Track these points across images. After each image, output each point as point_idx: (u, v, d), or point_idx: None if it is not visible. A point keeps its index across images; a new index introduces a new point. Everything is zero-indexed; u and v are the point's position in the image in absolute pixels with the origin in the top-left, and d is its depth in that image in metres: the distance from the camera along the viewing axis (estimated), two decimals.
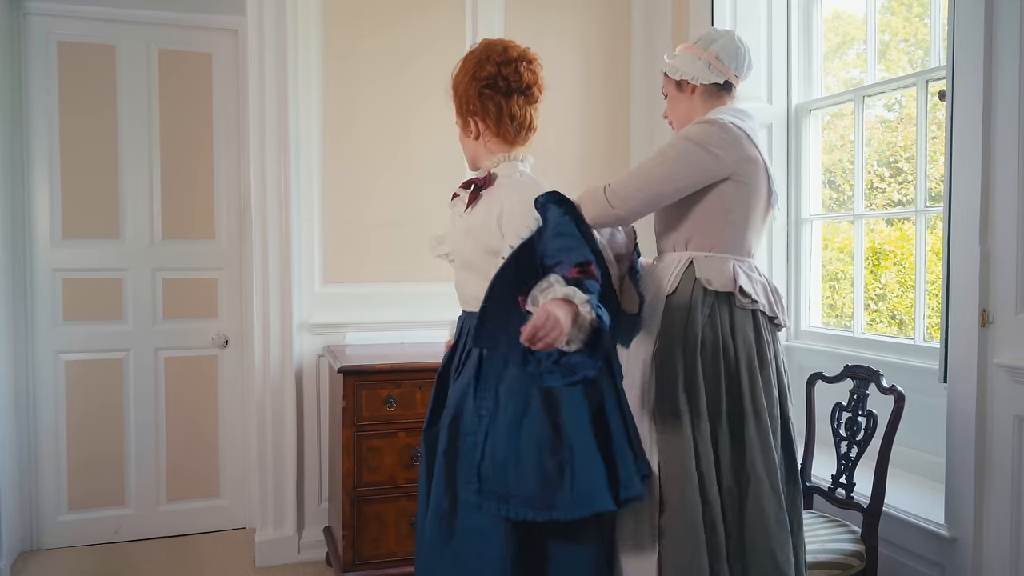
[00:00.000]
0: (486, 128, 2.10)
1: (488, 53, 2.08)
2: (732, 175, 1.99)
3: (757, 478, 1.95)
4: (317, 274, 3.57)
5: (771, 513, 1.95)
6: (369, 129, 3.61)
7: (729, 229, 2.02)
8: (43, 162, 3.61)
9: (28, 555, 3.58)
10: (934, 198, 2.94)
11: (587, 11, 3.89)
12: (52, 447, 3.65)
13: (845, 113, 3.47)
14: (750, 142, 2.01)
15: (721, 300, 2.00)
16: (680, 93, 2.16)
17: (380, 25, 3.61)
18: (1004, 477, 2.28)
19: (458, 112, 2.14)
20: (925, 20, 3.16)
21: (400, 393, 3.04)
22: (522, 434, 1.86)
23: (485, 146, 2.13)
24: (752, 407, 1.98)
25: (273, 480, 3.51)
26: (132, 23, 3.70)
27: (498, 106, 2.07)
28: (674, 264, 2.05)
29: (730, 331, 1.99)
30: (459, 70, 2.12)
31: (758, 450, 1.96)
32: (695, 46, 2.14)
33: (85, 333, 3.69)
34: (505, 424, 1.88)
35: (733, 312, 2.00)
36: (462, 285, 2.14)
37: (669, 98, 2.21)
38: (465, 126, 2.14)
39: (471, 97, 2.08)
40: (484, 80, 2.06)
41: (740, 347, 1.99)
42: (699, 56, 2.11)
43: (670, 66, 2.16)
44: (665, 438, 1.96)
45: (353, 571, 3.01)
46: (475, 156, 2.17)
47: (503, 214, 2.00)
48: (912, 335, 3.04)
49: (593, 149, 3.90)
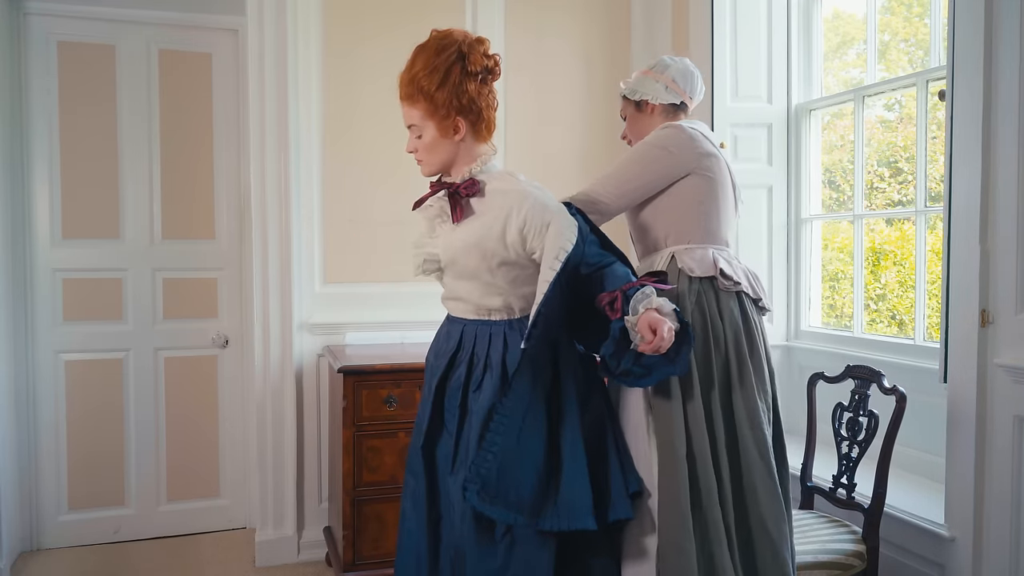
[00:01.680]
0: (468, 126, 1.97)
1: (465, 43, 1.97)
2: (694, 170, 2.15)
3: (747, 452, 2.05)
4: (317, 274, 3.57)
5: (768, 501, 2.04)
6: (369, 129, 3.61)
7: (703, 220, 2.17)
8: (43, 162, 3.61)
9: (28, 555, 3.58)
10: (934, 198, 2.94)
11: (587, 12, 3.89)
12: (52, 447, 3.65)
13: (845, 113, 3.47)
14: (705, 140, 2.20)
15: (705, 285, 2.12)
16: (639, 113, 2.34)
17: (380, 25, 3.61)
18: (1004, 477, 2.28)
19: (434, 114, 1.95)
20: (925, 20, 3.16)
21: (400, 393, 3.04)
22: (526, 442, 1.89)
23: (464, 147, 2.00)
24: (740, 387, 2.08)
25: (273, 480, 3.51)
26: (132, 23, 3.69)
27: (486, 100, 1.99)
28: (657, 262, 2.18)
29: (718, 313, 2.11)
30: (432, 67, 1.94)
31: (747, 426, 2.07)
32: (652, 71, 2.32)
33: (85, 333, 3.69)
34: (515, 431, 1.89)
35: (719, 295, 2.12)
36: (459, 293, 2.04)
37: (629, 119, 2.37)
38: (445, 127, 1.96)
39: (463, 93, 1.94)
40: (478, 73, 1.97)
41: (727, 327, 2.10)
42: (656, 79, 2.29)
43: (630, 89, 2.33)
44: (659, 422, 2.01)
45: (353, 571, 3.01)
46: (452, 159, 2.01)
47: (526, 224, 1.91)
48: (912, 335, 3.05)
49: (593, 149, 3.90)
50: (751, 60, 3.55)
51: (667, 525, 1.96)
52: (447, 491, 2.02)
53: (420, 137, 2.01)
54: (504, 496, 1.85)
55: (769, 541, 2.03)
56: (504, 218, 1.94)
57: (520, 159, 3.71)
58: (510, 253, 1.95)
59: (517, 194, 1.96)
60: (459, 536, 1.96)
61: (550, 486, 1.89)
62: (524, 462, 1.87)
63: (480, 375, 1.98)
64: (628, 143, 2.39)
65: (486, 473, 1.86)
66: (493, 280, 1.97)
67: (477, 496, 1.85)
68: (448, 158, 2.02)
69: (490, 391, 1.95)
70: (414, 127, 2.02)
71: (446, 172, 2.06)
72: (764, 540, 2.03)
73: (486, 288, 1.99)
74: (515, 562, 1.89)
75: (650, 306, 1.80)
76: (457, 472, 1.98)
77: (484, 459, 1.87)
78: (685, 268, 2.12)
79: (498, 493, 1.85)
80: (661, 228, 2.19)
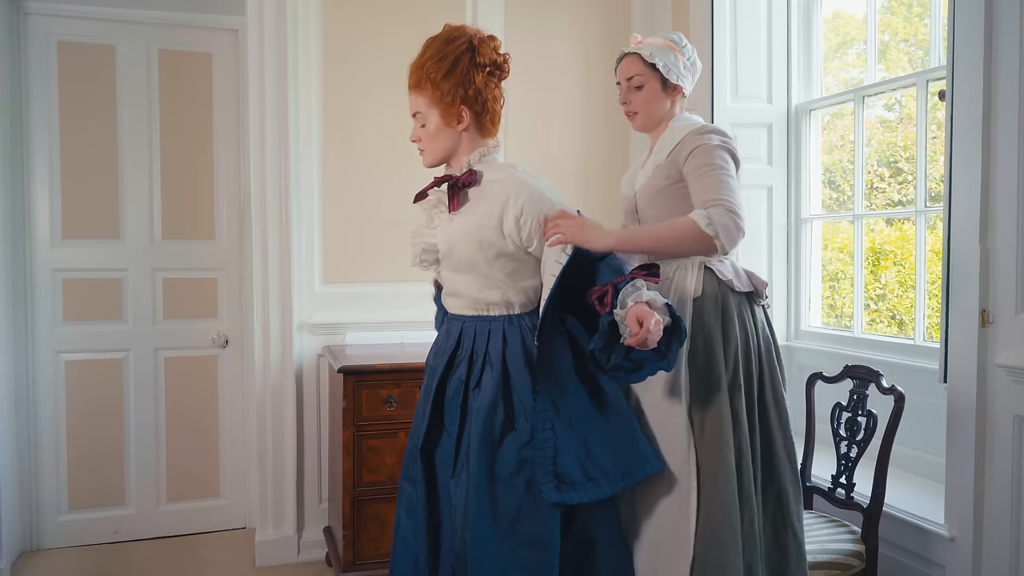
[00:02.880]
0: (473, 117, 2.00)
1: (476, 37, 2.00)
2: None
3: (779, 463, 2.06)
4: (317, 274, 3.57)
5: (796, 506, 2.07)
6: (369, 128, 3.61)
7: None
8: (43, 162, 3.61)
9: (28, 555, 3.59)
10: (934, 198, 2.94)
11: (587, 12, 3.89)
12: (52, 447, 3.65)
13: (845, 113, 3.47)
14: None
15: (742, 299, 2.09)
16: (664, 93, 2.16)
17: (380, 25, 3.61)
18: (1004, 477, 2.28)
19: (439, 101, 1.98)
20: (925, 20, 3.16)
21: (400, 393, 3.04)
22: (586, 422, 1.93)
23: (467, 138, 2.02)
24: (772, 397, 2.08)
25: (273, 480, 3.51)
26: (132, 23, 3.69)
27: (492, 94, 2.02)
28: (687, 268, 2.07)
29: (754, 325, 2.09)
30: (442, 55, 1.98)
31: (779, 436, 2.07)
32: (675, 46, 2.15)
33: (85, 333, 3.69)
34: (567, 420, 1.92)
35: (753, 308, 2.11)
36: (458, 287, 2.04)
37: (648, 94, 2.15)
38: (449, 116, 1.99)
39: (470, 83, 1.97)
40: (487, 66, 2.00)
41: (761, 340, 2.09)
42: (678, 58, 2.14)
43: (661, 62, 2.12)
44: (705, 442, 1.98)
45: (353, 571, 3.01)
46: (453, 149, 2.03)
47: (523, 214, 1.93)
48: (912, 335, 3.04)
49: (593, 150, 3.90)
50: (751, 60, 3.55)
51: (715, 538, 1.93)
52: (447, 495, 2.00)
53: (424, 126, 2.03)
54: (585, 479, 1.89)
55: (796, 544, 2.04)
56: (501, 207, 1.95)
57: (520, 159, 3.70)
58: (507, 244, 1.96)
59: (514, 183, 1.97)
60: (460, 542, 1.94)
61: (621, 447, 1.93)
62: (590, 440, 1.92)
63: (479, 372, 1.98)
64: (631, 116, 2.21)
65: (561, 471, 1.88)
66: (491, 272, 1.97)
67: (557, 492, 1.86)
68: (450, 148, 2.03)
69: (491, 388, 1.94)
70: (419, 115, 2.03)
71: (447, 163, 2.07)
72: (792, 544, 2.04)
73: (484, 281, 1.99)
74: (521, 529, 1.90)
75: (640, 299, 1.78)
76: (458, 475, 1.96)
77: (546, 461, 1.89)
78: (725, 280, 2.05)
79: (581, 478, 1.88)
80: None
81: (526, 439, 1.91)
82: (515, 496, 1.90)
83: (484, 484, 1.90)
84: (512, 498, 1.90)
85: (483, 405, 1.94)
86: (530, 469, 1.90)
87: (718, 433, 1.96)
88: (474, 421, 1.94)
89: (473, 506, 1.89)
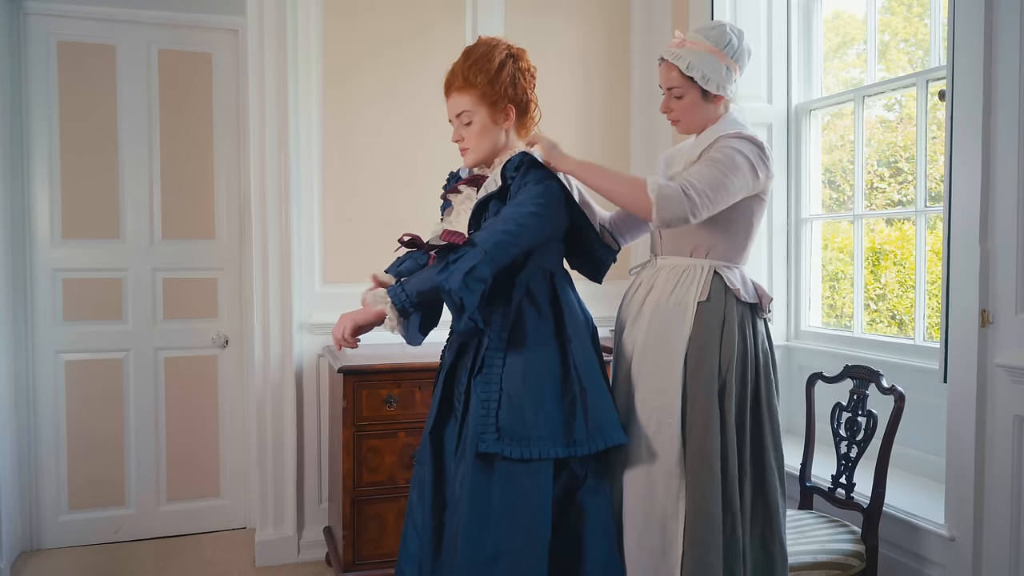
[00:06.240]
0: (517, 117, 2.11)
1: (514, 47, 2.12)
2: (762, 192, 2.08)
3: (769, 473, 2.05)
4: (317, 274, 3.57)
5: (782, 519, 2.06)
6: (369, 128, 3.61)
7: (748, 242, 2.12)
8: (43, 162, 3.61)
9: (28, 555, 3.59)
10: (934, 198, 2.94)
11: (587, 16, 3.89)
12: (52, 447, 3.65)
13: (845, 113, 3.47)
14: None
15: (745, 309, 2.08)
16: (704, 102, 2.09)
17: (380, 26, 3.61)
18: (1004, 477, 2.28)
19: (487, 98, 2.04)
20: (925, 20, 3.16)
21: (400, 393, 3.04)
22: (537, 376, 1.94)
23: (508, 139, 2.11)
24: (767, 408, 2.07)
25: (273, 480, 3.51)
26: (132, 23, 3.69)
27: (532, 98, 2.14)
28: (697, 271, 2.07)
29: (753, 338, 2.08)
30: (489, 57, 2.05)
31: (771, 448, 2.06)
32: (720, 50, 2.04)
33: (85, 333, 3.69)
34: (519, 372, 1.94)
35: (756, 321, 2.10)
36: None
37: (689, 103, 2.09)
38: (497, 113, 2.06)
39: (517, 83, 2.08)
40: (527, 71, 2.11)
41: (760, 353, 2.08)
42: (722, 60, 2.05)
43: (701, 74, 2.03)
44: (691, 444, 1.99)
45: (353, 571, 3.01)
46: (497, 149, 2.09)
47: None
48: (912, 335, 3.04)
49: (593, 151, 3.89)
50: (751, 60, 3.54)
51: (697, 540, 1.95)
52: (452, 476, 2.05)
53: (469, 124, 2.07)
54: (527, 436, 1.90)
55: (782, 554, 2.05)
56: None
57: None
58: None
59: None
60: (454, 523, 1.99)
61: (575, 411, 1.94)
62: (542, 397, 1.93)
63: (482, 361, 2.03)
64: (675, 123, 2.15)
65: (502, 421, 1.91)
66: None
67: (496, 441, 1.89)
68: (494, 147, 2.10)
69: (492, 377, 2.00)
70: (464, 114, 2.07)
71: (487, 163, 2.13)
72: (779, 554, 2.05)
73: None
74: (509, 495, 1.93)
75: (365, 299, 1.98)
76: (459, 459, 2.01)
77: (492, 408, 1.92)
78: (732, 289, 2.04)
79: (523, 434, 1.90)
80: (706, 238, 2.06)
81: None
82: (508, 484, 1.93)
83: (478, 471, 1.94)
84: (505, 486, 1.93)
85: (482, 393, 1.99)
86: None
87: (703, 438, 1.98)
88: (473, 408, 1.99)
89: (467, 491, 1.94)
